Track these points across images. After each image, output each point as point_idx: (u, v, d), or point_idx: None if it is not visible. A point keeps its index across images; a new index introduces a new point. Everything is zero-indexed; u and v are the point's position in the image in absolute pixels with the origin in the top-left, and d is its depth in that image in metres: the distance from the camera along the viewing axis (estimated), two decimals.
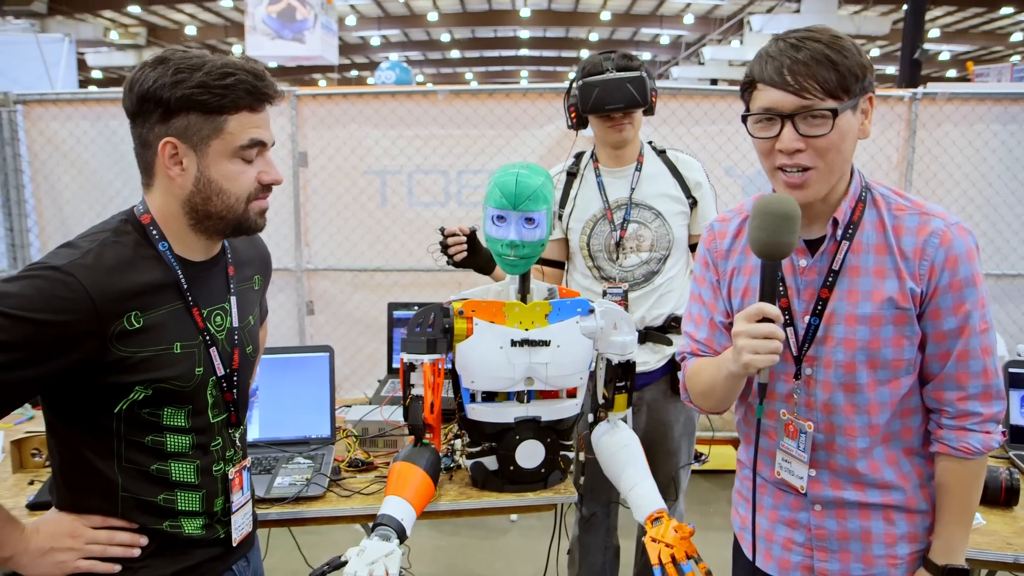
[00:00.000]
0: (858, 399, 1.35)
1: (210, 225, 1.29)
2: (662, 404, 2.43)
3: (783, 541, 1.46)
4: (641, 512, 1.70)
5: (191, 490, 1.32)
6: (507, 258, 1.76)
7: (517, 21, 21.71)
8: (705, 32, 21.92)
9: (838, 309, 1.34)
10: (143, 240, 1.26)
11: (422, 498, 1.65)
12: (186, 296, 1.29)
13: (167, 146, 1.22)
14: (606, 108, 2.22)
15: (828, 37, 1.25)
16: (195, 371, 1.30)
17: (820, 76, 1.21)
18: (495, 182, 1.72)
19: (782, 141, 1.25)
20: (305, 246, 4.19)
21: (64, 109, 4.23)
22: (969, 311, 1.30)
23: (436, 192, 4.13)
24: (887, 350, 1.32)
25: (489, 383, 1.82)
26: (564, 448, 1.92)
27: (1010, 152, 4.10)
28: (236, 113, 1.23)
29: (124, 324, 1.20)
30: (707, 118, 4.00)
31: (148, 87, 1.20)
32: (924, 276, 1.30)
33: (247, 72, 1.24)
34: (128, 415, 1.24)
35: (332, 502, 1.86)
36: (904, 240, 1.32)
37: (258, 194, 1.31)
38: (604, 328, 1.84)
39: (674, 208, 2.38)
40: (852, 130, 1.27)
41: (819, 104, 1.22)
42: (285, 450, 2.08)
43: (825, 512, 1.41)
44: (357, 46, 24.55)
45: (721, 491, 3.87)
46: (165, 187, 1.26)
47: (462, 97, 4.05)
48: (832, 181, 1.30)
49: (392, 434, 2.15)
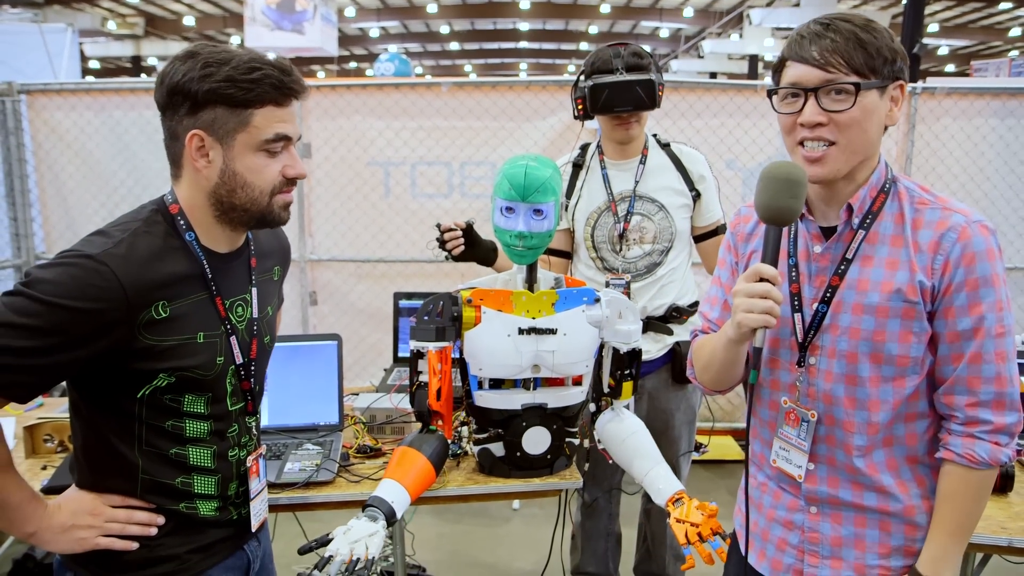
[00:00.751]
0: (859, 393, 1.33)
1: (235, 217, 1.32)
2: (663, 392, 2.46)
3: (777, 541, 1.45)
4: (661, 496, 1.73)
5: (207, 474, 1.36)
6: (515, 249, 1.79)
7: (516, 13, 21.67)
8: (705, 25, 21.90)
9: (846, 298, 1.33)
10: (171, 230, 1.30)
11: (419, 484, 1.66)
12: (211, 287, 1.32)
13: (194, 138, 1.25)
14: (615, 110, 2.25)
15: (861, 20, 1.27)
16: (216, 360, 1.33)
17: (846, 52, 1.23)
18: (504, 174, 1.75)
19: (804, 114, 1.26)
20: (309, 237, 4.22)
21: (68, 99, 4.25)
22: (984, 312, 1.26)
23: (439, 184, 4.15)
24: (892, 344, 1.29)
25: (497, 370, 1.85)
26: (569, 435, 1.96)
27: (1008, 147, 4.13)
28: (262, 107, 1.26)
29: (152, 313, 1.23)
30: (708, 111, 4.03)
31: (177, 80, 1.23)
32: (938, 271, 1.27)
33: (274, 67, 1.26)
34: (150, 400, 1.28)
35: (341, 487, 1.89)
36: (921, 233, 1.29)
37: (282, 188, 1.33)
38: (609, 317, 1.87)
39: (677, 201, 2.41)
40: (877, 112, 1.27)
41: (843, 78, 1.24)
42: (294, 436, 2.12)
43: (820, 515, 1.40)
44: (356, 37, 24.52)
45: (721, 480, 3.92)
46: (192, 179, 1.30)
47: (465, 89, 4.07)
48: (852, 161, 1.28)
49: (400, 421, 2.18)
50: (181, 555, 1.35)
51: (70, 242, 1.49)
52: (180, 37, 21.51)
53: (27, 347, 1.14)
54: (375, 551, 1.41)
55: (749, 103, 4.03)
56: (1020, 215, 4.17)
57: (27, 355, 1.14)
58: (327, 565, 1.35)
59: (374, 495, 1.56)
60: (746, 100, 4.03)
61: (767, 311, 1.24)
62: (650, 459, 1.81)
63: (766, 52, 21.20)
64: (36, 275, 1.17)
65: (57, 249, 4.35)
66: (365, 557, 1.39)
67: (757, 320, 1.24)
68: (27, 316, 1.14)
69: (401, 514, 1.58)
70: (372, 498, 1.55)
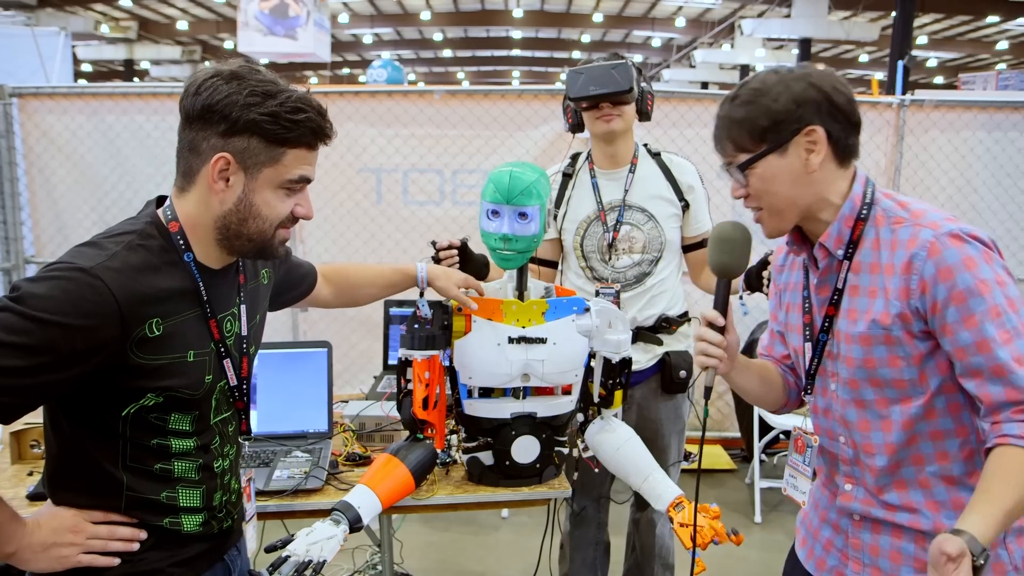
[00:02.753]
0: (870, 415, 1.36)
1: (237, 244, 1.30)
2: (652, 402, 2.47)
3: (825, 542, 1.49)
4: (661, 502, 1.75)
5: (192, 486, 1.34)
6: (500, 252, 1.80)
7: (510, 21, 21.75)
8: (696, 35, 22.04)
9: (840, 327, 1.38)
10: (168, 246, 1.27)
11: (394, 492, 1.67)
12: (204, 305, 1.30)
13: (220, 160, 1.23)
14: (590, 91, 2.26)
15: (748, 92, 1.33)
16: (204, 379, 1.31)
17: (726, 136, 1.35)
18: (490, 177, 1.80)
19: (731, 190, 1.40)
20: (300, 243, 4.22)
21: (60, 103, 4.24)
22: (980, 323, 1.22)
23: (431, 191, 4.16)
24: (884, 369, 1.32)
25: (486, 379, 1.86)
26: (558, 444, 1.96)
27: (995, 159, 4.17)
28: (295, 148, 1.25)
29: (145, 331, 1.20)
30: (700, 121, 4.06)
31: (219, 99, 1.20)
32: (916, 291, 1.27)
33: (316, 111, 1.26)
34: (135, 419, 1.25)
35: (330, 495, 1.89)
36: (896, 255, 1.30)
37: (286, 224, 1.32)
38: (599, 326, 1.88)
39: (667, 211, 2.42)
40: (782, 172, 1.32)
41: (735, 160, 1.35)
42: (283, 444, 2.12)
43: (862, 523, 1.41)
44: (349, 43, 24.53)
45: (710, 490, 3.93)
46: (203, 197, 1.27)
47: (458, 97, 4.09)
48: (785, 218, 1.37)
49: (389, 429, 2.18)
50: (163, 569, 1.32)
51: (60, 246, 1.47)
52: (173, 41, 21.49)
53: (15, 367, 1.09)
54: (328, 555, 1.45)
55: None
56: (1007, 227, 4.22)
57: (14, 375, 1.09)
58: (282, 564, 1.40)
59: (342, 500, 1.58)
60: None
61: (702, 352, 1.39)
62: (647, 466, 1.83)
63: (757, 62, 21.32)
64: (25, 289, 1.13)
65: (47, 253, 4.33)
66: (317, 559, 1.43)
67: (699, 361, 1.40)
68: (15, 334, 1.09)
69: (368, 520, 1.60)
70: (339, 503, 1.57)
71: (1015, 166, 4.19)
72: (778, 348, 1.60)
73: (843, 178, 1.36)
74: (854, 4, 17.32)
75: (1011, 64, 22.88)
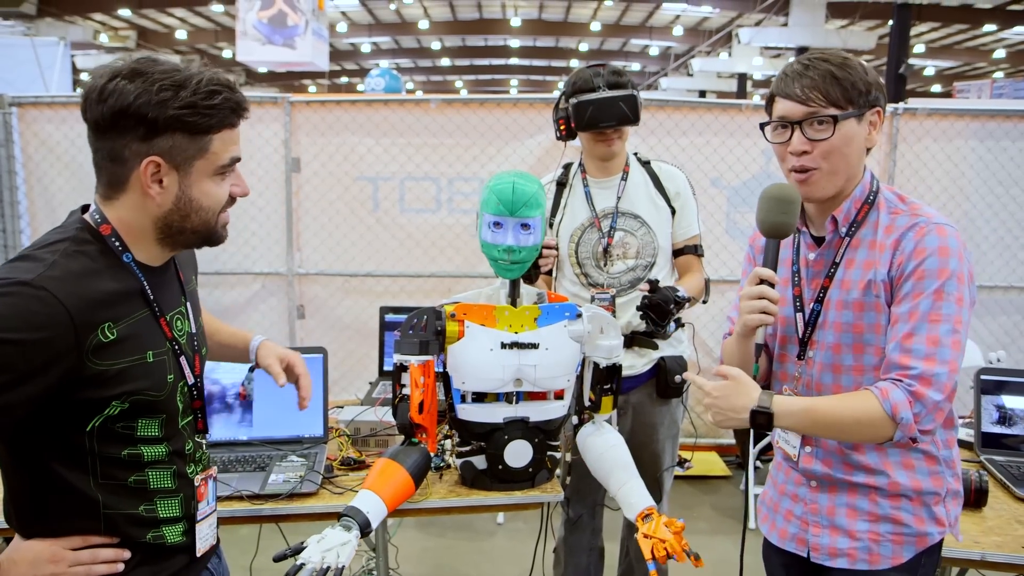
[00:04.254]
0: (844, 380, 1.49)
1: (181, 240, 1.28)
2: (647, 407, 2.49)
3: (785, 512, 1.64)
4: (632, 510, 1.76)
5: (170, 495, 1.31)
6: (503, 263, 1.82)
7: (507, 30, 21.82)
8: (694, 44, 22.10)
9: (832, 296, 1.50)
10: (105, 249, 1.23)
11: (397, 496, 1.68)
12: (152, 304, 1.27)
13: (150, 165, 1.18)
14: (600, 126, 2.30)
15: (838, 58, 1.44)
16: (167, 378, 1.28)
17: (824, 88, 1.41)
18: (492, 189, 1.79)
19: (792, 144, 1.45)
20: (297, 251, 4.24)
21: (59, 112, 4.26)
22: (923, 298, 1.37)
23: (427, 199, 4.19)
24: (870, 335, 1.45)
25: (479, 384, 1.88)
26: (551, 448, 1.98)
27: (987, 167, 4.20)
28: (220, 132, 1.23)
29: (99, 336, 1.16)
30: (694, 129, 4.09)
31: (128, 103, 1.15)
32: (896, 264, 1.41)
33: (228, 88, 1.22)
34: (101, 432, 1.20)
35: (325, 499, 1.91)
36: (890, 236, 1.44)
37: (226, 207, 1.30)
38: (591, 332, 1.90)
39: (658, 217, 2.45)
40: (856, 137, 1.44)
41: (822, 111, 1.42)
42: (279, 448, 2.13)
43: (819, 488, 1.56)
44: (348, 52, 24.60)
45: (704, 496, 3.94)
46: (137, 204, 1.23)
47: (454, 106, 4.12)
48: (838, 182, 1.46)
49: (384, 434, 2.20)
50: None
51: None
52: (172, 51, 21.54)
53: None
54: (345, 560, 1.44)
55: (734, 122, 4.09)
56: (999, 235, 4.24)
57: None
58: (298, 572, 1.38)
59: (350, 505, 1.58)
60: (731, 119, 4.09)
61: (763, 310, 1.44)
62: (625, 473, 1.84)
63: (755, 71, 21.40)
64: None
65: None
66: (335, 566, 1.41)
67: (756, 319, 1.45)
68: None
69: (376, 525, 1.60)
70: (348, 508, 1.57)
71: (1007, 174, 4.22)
72: None
73: (863, 165, 1.51)
74: (851, 13, 17.41)
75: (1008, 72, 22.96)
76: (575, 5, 19.86)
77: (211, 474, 1.42)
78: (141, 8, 17.73)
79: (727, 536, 3.51)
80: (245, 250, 4.19)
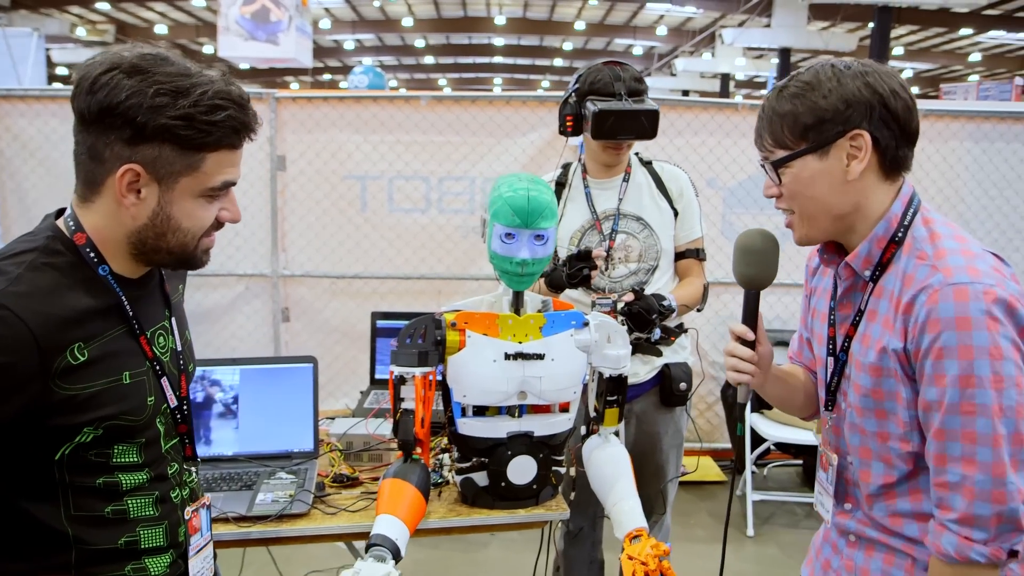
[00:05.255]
0: (871, 444, 1.30)
1: (156, 258, 1.16)
2: (651, 415, 2.40)
3: (823, 562, 1.46)
4: (622, 529, 1.69)
5: (153, 524, 1.20)
6: (515, 276, 1.71)
7: (492, 28, 21.75)
8: (678, 44, 22.16)
9: (854, 351, 1.31)
10: (78, 261, 1.11)
11: (415, 516, 1.61)
12: (130, 320, 1.15)
13: (128, 173, 1.06)
14: (618, 138, 2.21)
15: (795, 84, 1.25)
16: (147, 401, 1.17)
17: (768, 129, 1.28)
18: (504, 199, 1.67)
19: (764, 187, 1.35)
20: (282, 252, 4.11)
21: (32, 106, 4.10)
22: (947, 386, 1.14)
23: (417, 198, 4.08)
24: (890, 403, 1.25)
25: (482, 397, 1.78)
26: (556, 463, 1.89)
27: (982, 169, 4.16)
28: (215, 151, 1.10)
29: (68, 359, 1.05)
30: (689, 129, 4.01)
31: (119, 101, 1.03)
32: (910, 333, 1.19)
33: (237, 105, 1.10)
34: (73, 460, 1.09)
35: (317, 520, 1.80)
36: (906, 292, 1.21)
37: (210, 231, 1.18)
38: (598, 341, 1.81)
39: (661, 219, 2.37)
40: (821, 175, 1.24)
41: (771, 156, 1.29)
42: (266, 464, 2.02)
43: (857, 544, 1.37)
44: (331, 49, 24.42)
45: (702, 503, 3.86)
46: (111, 211, 1.11)
47: (444, 103, 4.01)
48: (816, 225, 1.29)
49: (378, 448, 2.09)
50: None
51: None
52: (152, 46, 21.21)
53: None
54: None
55: (730, 122, 4.02)
56: (993, 237, 4.20)
57: None
58: None
59: (376, 532, 1.50)
60: (727, 119, 4.02)
61: (733, 368, 1.37)
62: (623, 492, 1.75)
63: (737, 71, 21.50)
64: None
65: None
66: None
67: (732, 377, 1.38)
68: None
69: (404, 550, 1.53)
70: (376, 536, 1.49)
71: (1001, 176, 4.18)
72: (807, 353, 1.55)
73: (887, 192, 1.26)
74: (832, 15, 17.51)
75: (983, 75, 23.25)
76: (560, 4, 19.82)
77: (204, 503, 1.32)
78: (120, 1, 17.45)
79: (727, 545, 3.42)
80: (228, 251, 4.06)
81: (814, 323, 1.46)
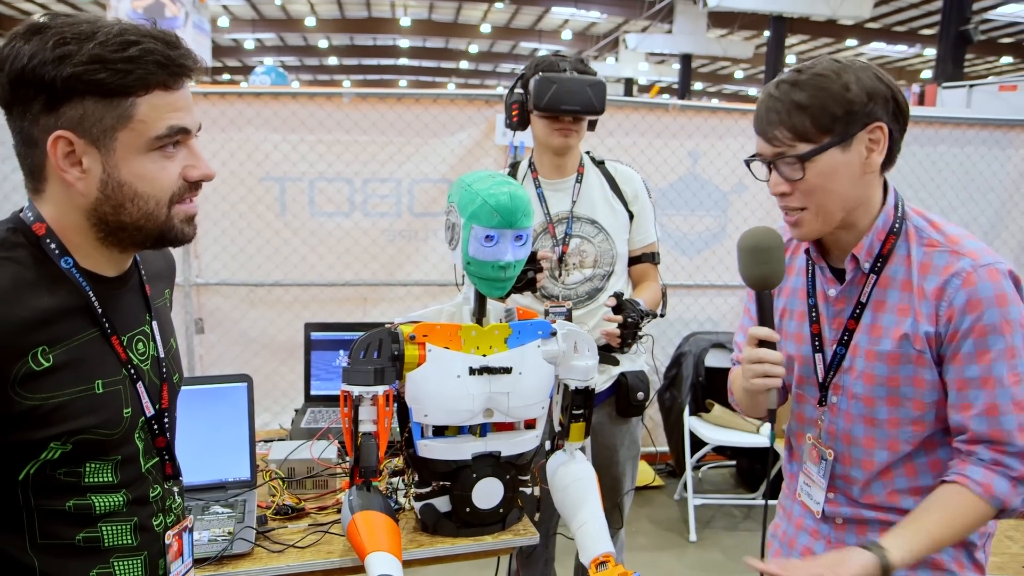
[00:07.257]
0: (878, 433, 1.32)
1: (125, 238, 1.04)
2: (608, 428, 2.31)
3: (802, 549, 1.44)
4: (587, 554, 1.59)
5: (130, 554, 1.08)
6: (496, 281, 1.57)
7: (397, 30, 21.47)
8: (583, 48, 22.46)
9: (860, 342, 1.32)
10: (40, 254, 1.00)
11: (399, 547, 1.49)
12: (101, 321, 1.04)
13: (59, 142, 0.96)
14: (561, 108, 2.09)
15: (809, 76, 1.22)
16: (123, 413, 1.06)
17: (787, 122, 1.22)
18: (485, 199, 1.52)
19: (770, 185, 1.29)
20: (194, 258, 3.81)
21: None
22: (993, 360, 1.21)
23: (340, 201, 3.86)
24: (907, 388, 1.28)
25: (445, 416, 1.63)
26: (522, 484, 1.76)
27: (967, 173, 4.28)
28: (147, 93, 0.97)
29: (30, 364, 0.95)
30: (620, 129, 3.96)
31: (23, 65, 0.93)
32: (943, 318, 1.23)
33: (155, 39, 0.97)
34: (38, 480, 0.98)
35: (262, 559, 1.60)
36: (928, 279, 1.25)
37: (183, 195, 1.05)
38: (566, 352, 1.70)
39: (616, 222, 2.28)
40: (843, 168, 1.23)
41: (789, 151, 1.23)
42: (198, 498, 1.80)
43: (846, 525, 1.38)
44: (230, 48, 23.53)
45: (641, 509, 3.80)
46: (62, 195, 1.00)
47: (369, 101, 3.81)
48: (829, 220, 1.27)
49: (322, 475, 1.91)
50: None
51: None
52: None
53: None
54: None
55: (661, 122, 3.99)
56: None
57: None
58: None
59: (381, 575, 1.40)
60: (658, 119, 3.99)
61: (765, 374, 1.30)
62: (588, 513, 1.65)
63: (640, 75, 21.99)
64: None
65: None
66: None
67: (760, 384, 1.30)
68: None
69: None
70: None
71: (984, 181, 4.30)
72: None
73: (880, 185, 1.31)
74: (731, 23, 18.14)
75: None
76: (465, 6, 19.74)
77: (186, 525, 1.22)
78: None
79: (670, 552, 3.37)
80: None
81: (786, 323, 1.45)
